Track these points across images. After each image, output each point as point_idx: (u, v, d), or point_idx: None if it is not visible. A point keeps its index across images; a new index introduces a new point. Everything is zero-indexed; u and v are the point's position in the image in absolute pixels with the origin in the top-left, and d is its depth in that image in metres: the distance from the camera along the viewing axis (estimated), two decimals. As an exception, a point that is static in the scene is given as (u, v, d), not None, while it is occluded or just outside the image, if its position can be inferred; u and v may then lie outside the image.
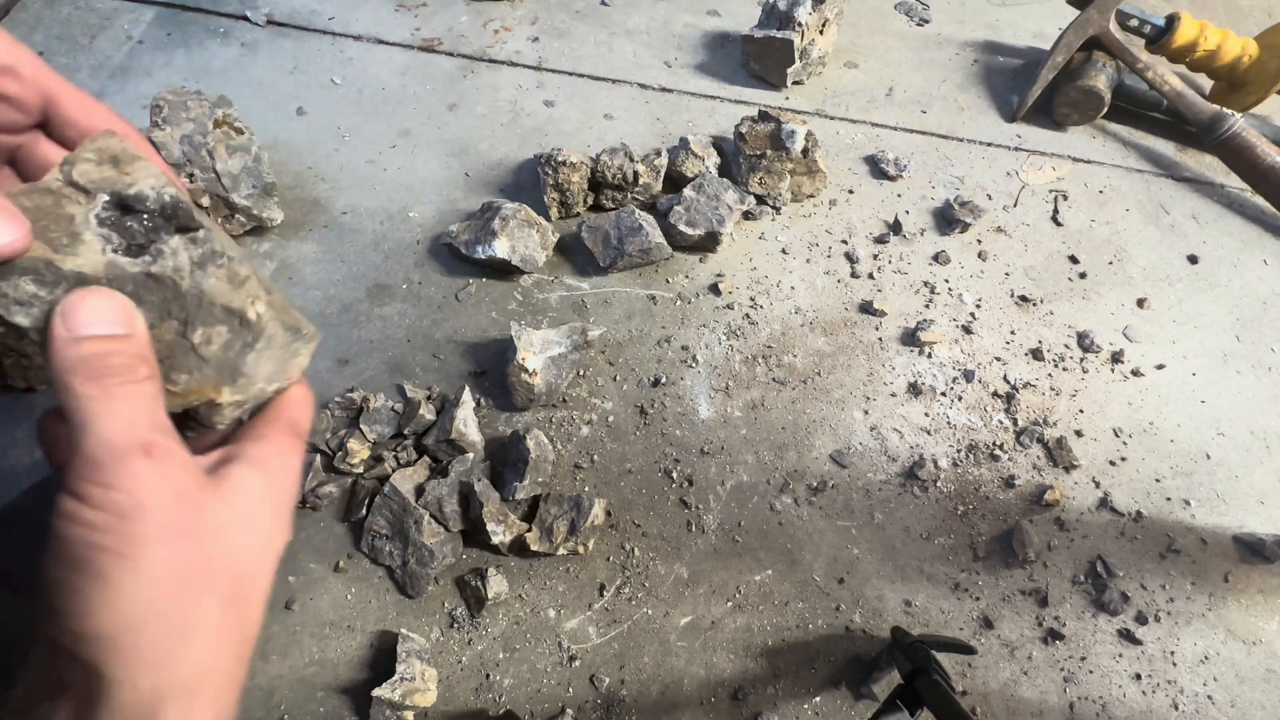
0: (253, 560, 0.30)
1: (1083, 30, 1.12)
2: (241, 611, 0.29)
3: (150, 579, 0.26)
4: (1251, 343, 1.01)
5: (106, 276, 0.34)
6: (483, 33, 1.16)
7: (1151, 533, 0.84)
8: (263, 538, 0.31)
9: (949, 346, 0.94)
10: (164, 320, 0.36)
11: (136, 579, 0.26)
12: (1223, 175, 1.18)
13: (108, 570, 0.25)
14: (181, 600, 0.27)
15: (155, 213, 0.37)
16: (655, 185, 0.98)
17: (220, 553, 0.28)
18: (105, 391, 0.28)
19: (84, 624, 0.25)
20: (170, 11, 1.10)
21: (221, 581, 0.28)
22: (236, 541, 0.29)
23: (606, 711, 0.69)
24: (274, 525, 0.32)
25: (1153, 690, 0.75)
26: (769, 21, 1.12)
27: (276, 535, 0.32)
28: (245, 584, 0.30)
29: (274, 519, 0.32)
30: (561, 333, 0.83)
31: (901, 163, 1.09)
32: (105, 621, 0.25)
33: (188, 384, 0.36)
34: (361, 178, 0.98)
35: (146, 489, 0.26)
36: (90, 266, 0.34)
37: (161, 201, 0.36)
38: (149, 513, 0.26)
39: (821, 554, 0.79)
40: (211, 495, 0.29)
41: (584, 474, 0.81)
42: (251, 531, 0.30)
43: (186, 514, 0.28)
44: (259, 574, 0.31)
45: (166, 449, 0.28)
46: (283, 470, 0.33)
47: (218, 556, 0.28)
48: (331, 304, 0.88)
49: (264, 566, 0.31)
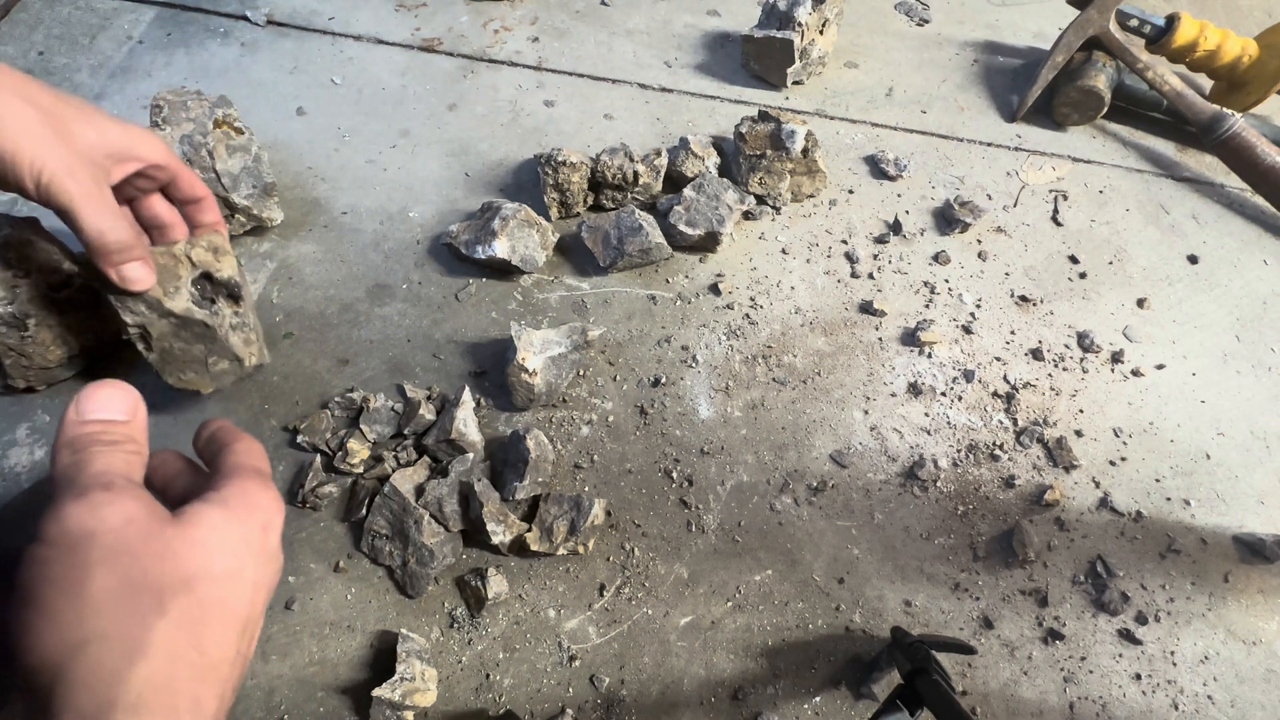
0: (216, 587, 0.31)
1: (1083, 30, 1.12)
2: (198, 634, 0.30)
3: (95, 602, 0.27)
4: (1251, 343, 1.01)
5: (183, 315, 0.64)
6: (483, 33, 1.16)
7: (1151, 533, 0.84)
8: (229, 565, 0.32)
9: (949, 346, 0.94)
10: (198, 345, 0.67)
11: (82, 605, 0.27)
12: (1223, 175, 1.18)
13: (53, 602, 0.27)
14: (127, 622, 0.28)
15: (223, 287, 0.67)
16: (655, 185, 0.98)
17: (174, 577, 0.29)
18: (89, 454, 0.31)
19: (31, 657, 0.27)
20: (170, 11, 1.10)
21: (175, 604, 0.29)
22: (193, 566, 0.30)
23: (606, 711, 0.69)
24: (246, 555, 0.33)
25: (1153, 690, 0.75)
26: (769, 21, 1.12)
27: (252, 565, 0.33)
28: (207, 608, 0.30)
29: (245, 549, 0.33)
30: (561, 333, 0.83)
31: (901, 163, 1.09)
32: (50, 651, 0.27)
33: (192, 381, 0.69)
34: (361, 178, 0.98)
35: (99, 518, 0.28)
36: (178, 308, 0.63)
37: (229, 284, 0.67)
38: (98, 537, 0.28)
39: (821, 554, 0.79)
40: (170, 526, 0.31)
41: (584, 474, 0.81)
42: (212, 558, 0.31)
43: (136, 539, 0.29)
44: (227, 600, 0.31)
45: (126, 488, 0.30)
46: (249, 505, 0.34)
47: (170, 580, 0.29)
48: (331, 304, 0.88)
49: (233, 593, 0.32)
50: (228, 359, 0.69)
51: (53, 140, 0.48)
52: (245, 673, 0.34)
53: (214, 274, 0.66)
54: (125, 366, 0.81)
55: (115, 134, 0.53)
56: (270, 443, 0.78)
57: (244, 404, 0.80)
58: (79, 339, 0.74)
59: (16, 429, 0.76)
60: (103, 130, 0.52)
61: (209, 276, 0.66)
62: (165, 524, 0.31)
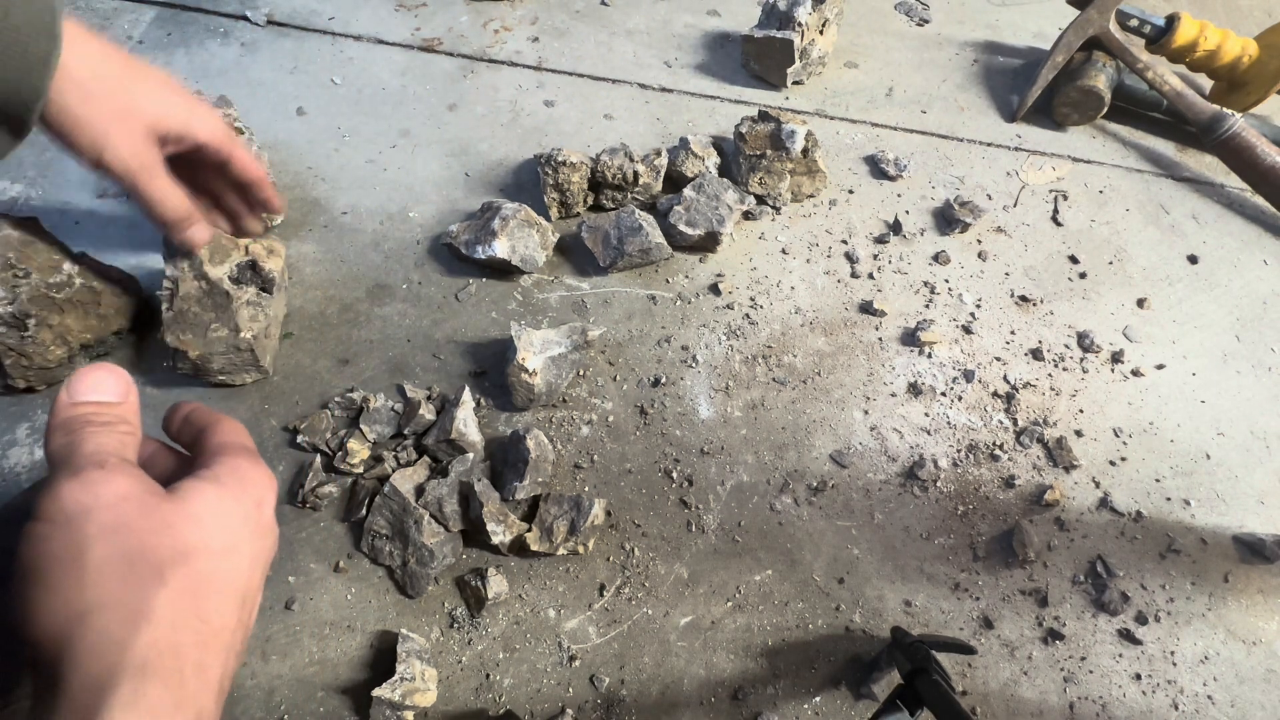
0: (214, 561, 0.32)
1: (1083, 30, 1.12)
2: (199, 603, 0.30)
3: (95, 573, 0.28)
4: (1251, 343, 1.01)
5: (214, 281, 0.74)
6: (483, 33, 1.16)
7: (1151, 533, 0.84)
8: (226, 540, 0.32)
9: (949, 346, 0.94)
10: (210, 313, 0.74)
11: (82, 575, 0.28)
12: (1223, 175, 1.18)
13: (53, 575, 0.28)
14: (128, 591, 0.28)
15: (261, 276, 0.78)
16: (655, 185, 0.98)
17: (172, 550, 0.30)
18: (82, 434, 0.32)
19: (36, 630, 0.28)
20: (170, 11, 1.10)
21: (174, 575, 0.30)
22: (190, 538, 0.31)
23: (606, 711, 0.69)
24: (242, 530, 0.34)
25: (1153, 690, 0.75)
26: (769, 21, 1.12)
27: (248, 539, 0.34)
28: (205, 580, 0.31)
29: (241, 525, 0.34)
30: (561, 333, 0.83)
31: (901, 163, 1.09)
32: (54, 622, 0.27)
33: (187, 342, 0.74)
34: (361, 178, 0.98)
35: (94, 494, 0.29)
36: (214, 275, 0.74)
37: (267, 276, 0.78)
38: (95, 513, 0.29)
39: (821, 554, 0.79)
40: (166, 501, 0.31)
41: (584, 474, 0.81)
42: (209, 533, 0.32)
43: (133, 513, 0.30)
44: (225, 573, 0.32)
45: (120, 466, 0.31)
46: (243, 481, 0.35)
47: (168, 553, 0.30)
48: (331, 304, 0.88)
49: (231, 566, 0.32)
50: (228, 328, 0.74)
51: (115, 115, 0.50)
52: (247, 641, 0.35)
53: (260, 265, 0.77)
54: (124, 365, 0.81)
55: (177, 110, 0.55)
56: (270, 443, 0.78)
57: (244, 404, 0.80)
58: (79, 339, 0.74)
59: (16, 429, 0.76)
60: (166, 107, 0.54)
61: (254, 265, 0.77)
62: (161, 499, 0.31)
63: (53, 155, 0.93)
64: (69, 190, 0.91)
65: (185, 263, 0.73)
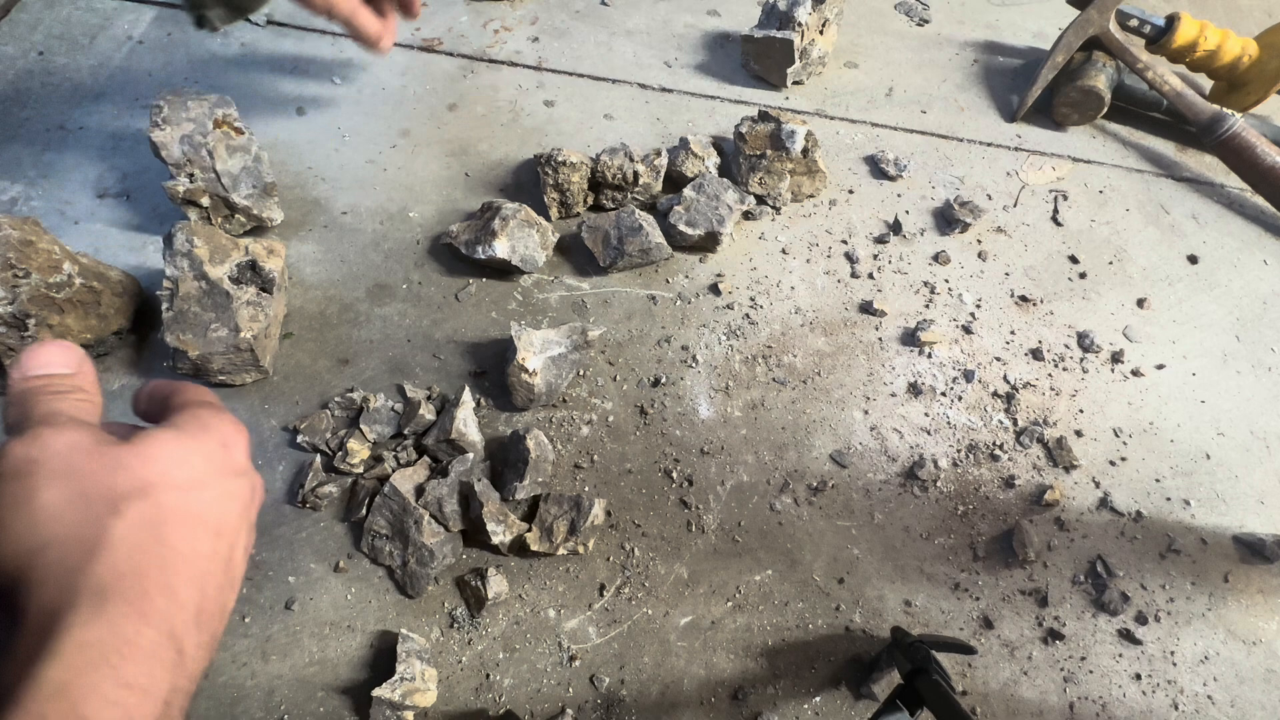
0: (176, 494, 0.32)
1: (1083, 30, 1.12)
2: (160, 531, 0.31)
3: (46, 513, 0.29)
4: (1251, 343, 1.01)
5: (214, 281, 0.74)
6: (483, 33, 1.16)
7: (1151, 533, 0.84)
8: (187, 474, 0.33)
9: (949, 346, 0.94)
10: (210, 313, 0.75)
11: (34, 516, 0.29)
12: (1223, 175, 1.18)
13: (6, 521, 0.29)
14: (81, 525, 0.29)
15: (261, 276, 0.79)
16: (655, 185, 0.98)
17: (128, 486, 0.31)
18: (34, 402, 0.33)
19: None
20: (170, 11, 1.10)
21: (131, 506, 0.30)
22: (147, 474, 0.31)
23: (606, 711, 0.69)
24: (206, 467, 0.34)
25: (1153, 690, 0.75)
26: (769, 21, 1.12)
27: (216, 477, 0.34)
28: (167, 510, 0.31)
29: (205, 463, 0.34)
30: (561, 333, 0.83)
31: (901, 163, 1.09)
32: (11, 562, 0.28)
33: (187, 342, 0.74)
34: (361, 178, 0.98)
35: (41, 445, 0.30)
36: (214, 275, 0.75)
37: (267, 275, 0.79)
38: (42, 462, 0.30)
39: (821, 554, 0.79)
40: (119, 446, 0.32)
41: (584, 474, 0.81)
42: (165, 468, 0.32)
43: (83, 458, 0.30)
44: (190, 505, 0.32)
45: (70, 423, 0.32)
46: (203, 426, 0.35)
47: (124, 488, 0.30)
48: (331, 304, 0.88)
49: (196, 499, 0.33)
50: (228, 328, 0.75)
51: None
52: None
53: (260, 265, 0.78)
54: (124, 365, 0.81)
55: None
56: (270, 443, 0.78)
57: (244, 404, 0.80)
58: (79, 339, 0.74)
59: (16, 429, 0.76)
60: None
61: (254, 265, 0.78)
62: (115, 444, 0.32)
63: (53, 155, 0.93)
64: (69, 190, 0.91)
65: (185, 262, 0.74)
